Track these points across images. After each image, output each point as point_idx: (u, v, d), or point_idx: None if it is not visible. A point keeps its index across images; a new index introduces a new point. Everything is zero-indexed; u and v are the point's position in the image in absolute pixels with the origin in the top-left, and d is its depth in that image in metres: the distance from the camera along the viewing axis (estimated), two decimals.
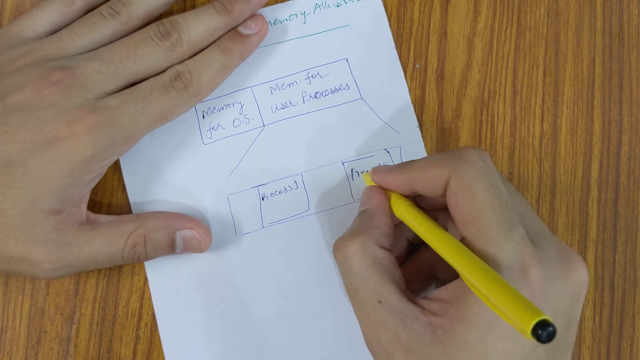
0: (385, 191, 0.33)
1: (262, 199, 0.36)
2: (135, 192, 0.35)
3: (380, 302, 0.29)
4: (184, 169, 0.36)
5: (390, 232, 0.31)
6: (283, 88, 0.37)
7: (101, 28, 0.33)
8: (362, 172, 0.36)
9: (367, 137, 0.37)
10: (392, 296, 0.29)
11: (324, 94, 0.37)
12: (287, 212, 0.36)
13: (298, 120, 0.36)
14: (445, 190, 0.29)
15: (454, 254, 0.27)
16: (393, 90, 0.37)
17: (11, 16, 0.37)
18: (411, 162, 0.32)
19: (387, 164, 0.37)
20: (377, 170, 0.33)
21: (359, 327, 0.31)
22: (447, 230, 0.30)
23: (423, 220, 0.30)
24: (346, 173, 0.36)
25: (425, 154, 0.37)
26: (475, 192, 0.28)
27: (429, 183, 0.30)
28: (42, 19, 0.34)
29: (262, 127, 0.36)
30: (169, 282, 0.35)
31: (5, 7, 0.37)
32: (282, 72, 0.37)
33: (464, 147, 0.29)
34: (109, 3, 0.34)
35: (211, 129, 0.36)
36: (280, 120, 0.36)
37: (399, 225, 0.33)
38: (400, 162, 0.36)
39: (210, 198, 0.35)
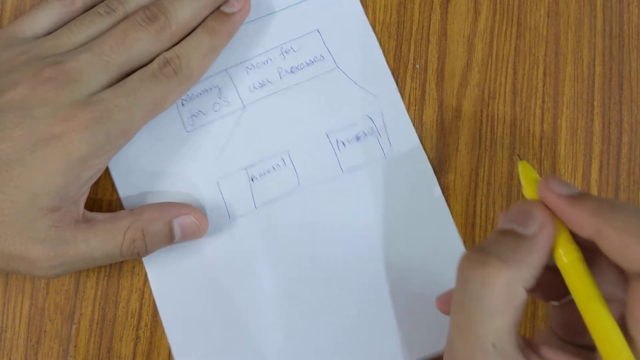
0: (556, 218, 0.26)
1: (252, 180, 0.36)
2: (124, 187, 0.35)
3: (494, 345, 0.24)
4: (170, 159, 0.36)
5: (540, 273, 0.25)
6: (258, 66, 0.37)
7: (97, 26, 0.33)
8: (518, 159, 0.30)
9: (348, 106, 0.37)
10: (510, 345, 0.24)
11: (299, 67, 0.37)
12: (278, 190, 0.36)
13: (277, 97, 0.37)
14: (633, 273, 0.24)
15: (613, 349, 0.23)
16: (368, 56, 0.37)
17: (11, 17, 0.37)
18: (610, 207, 0.25)
19: (374, 130, 0.36)
20: (552, 185, 0.26)
21: (352, 310, 0.30)
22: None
23: (589, 288, 0.25)
24: (331, 144, 0.36)
25: (407, 117, 0.37)
26: None
27: (624, 257, 0.24)
28: (41, 20, 0.34)
29: (242, 108, 0.36)
30: (168, 273, 0.35)
31: (6, 7, 0.37)
32: (255, 50, 0.37)
33: None
34: (105, 2, 0.34)
35: (192, 116, 0.36)
36: (259, 99, 0.36)
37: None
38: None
39: (200, 185, 0.35)
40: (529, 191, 0.27)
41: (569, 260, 0.25)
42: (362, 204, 0.36)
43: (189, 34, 0.34)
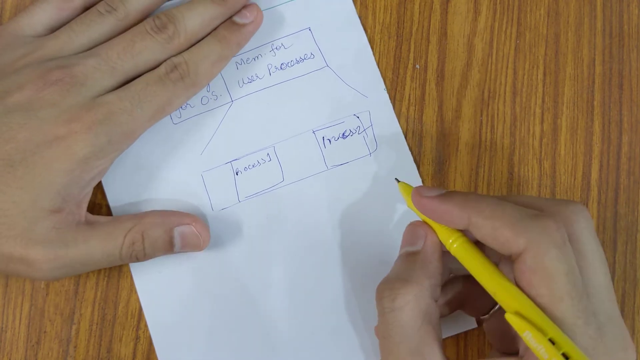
0: (431, 225, 0.30)
1: (237, 174, 0.36)
2: (108, 177, 0.35)
3: None
4: (156, 150, 0.36)
5: (441, 281, 0.29)
6: (248, 62, 0.37)
7: (98, 25, 0.33)
8: (397, 181, 0.33)
9: (336, 104, 0.37)
10: (434, 358, 0.27)
11: (289, 64, 0.37)
12: (262, 185, 0.36)
13: (266, 93, 0.37)
14: (513, 255, 0.27)
15: (525, 308, 0.26)
16: (358, 55, 0.37)
17: (11, 16, 0.37)
18: (476, 199, 0.28)
19: (361, 129, 0.37)
20: (423, 192, 0.29)
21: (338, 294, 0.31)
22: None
23: (483, 264, 0.27)
24: (317, 141, 0.36)
25: (394, 117, 0.37)
26: (555, 276, 0.25)
27: (496, 240, 0.27)
28: (40, 17, 0.34)
29: (230, 103, 0.37)
30: (150, 263, 0.35)
31: (6, 6, 0.37)
32: (246, 46, 0.37)
33: (545, 217, 0.27)
34: (106, 0, 0.34)
35: (180, 109, 0.36)
36: (248, 94, 0.37)
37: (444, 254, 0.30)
38: (376, 134, 0.37)
39: (184, 177, 0.36)
40: (404, 192, 0.31)
41: (459, 245, 0.28)
42: (346, 200, 0.36)
43: (198, 41, 0.34)
